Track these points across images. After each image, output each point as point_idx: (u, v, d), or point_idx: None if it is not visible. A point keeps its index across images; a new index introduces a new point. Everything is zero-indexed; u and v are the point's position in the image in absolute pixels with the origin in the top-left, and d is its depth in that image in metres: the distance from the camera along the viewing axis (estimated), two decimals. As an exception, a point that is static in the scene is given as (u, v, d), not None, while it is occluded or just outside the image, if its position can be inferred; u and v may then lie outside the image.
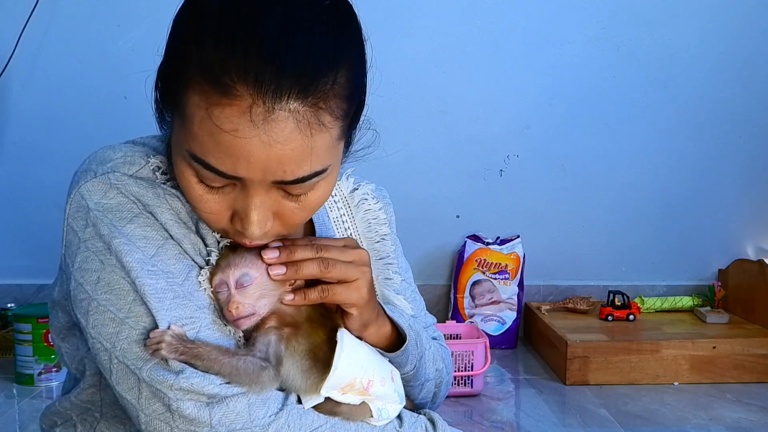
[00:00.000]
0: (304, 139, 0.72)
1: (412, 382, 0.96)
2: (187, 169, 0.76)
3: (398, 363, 0.91)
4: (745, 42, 2.36)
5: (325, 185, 0.79)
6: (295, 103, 0.70)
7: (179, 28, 0.76)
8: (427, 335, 1.02)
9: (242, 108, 0.70)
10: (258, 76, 0.69)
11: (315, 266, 0.80)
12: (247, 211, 0.76)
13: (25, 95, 2.27)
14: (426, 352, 0.98)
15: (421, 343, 0.97)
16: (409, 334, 0.91)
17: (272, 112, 0.70)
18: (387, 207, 1.04)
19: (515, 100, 2.38)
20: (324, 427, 0.81)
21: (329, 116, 0.73)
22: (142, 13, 2.21)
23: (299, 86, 0.70)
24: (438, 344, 1.06)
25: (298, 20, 0.71)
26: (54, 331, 0.92)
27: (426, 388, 1.00)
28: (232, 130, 0.70)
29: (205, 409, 0.75)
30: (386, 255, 1.01)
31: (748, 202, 2.46)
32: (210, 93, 0.70)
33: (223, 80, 0.69)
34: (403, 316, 0.95)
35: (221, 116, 0.70)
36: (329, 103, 0.73)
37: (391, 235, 1.03)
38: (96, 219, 0.79)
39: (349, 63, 0.75)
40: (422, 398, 1.01)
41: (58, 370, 1.92)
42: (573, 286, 2.50)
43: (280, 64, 0.69)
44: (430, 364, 0.99)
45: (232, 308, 0.78)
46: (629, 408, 1.83)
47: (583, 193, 2.45)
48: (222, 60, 0.69)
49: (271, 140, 0.71)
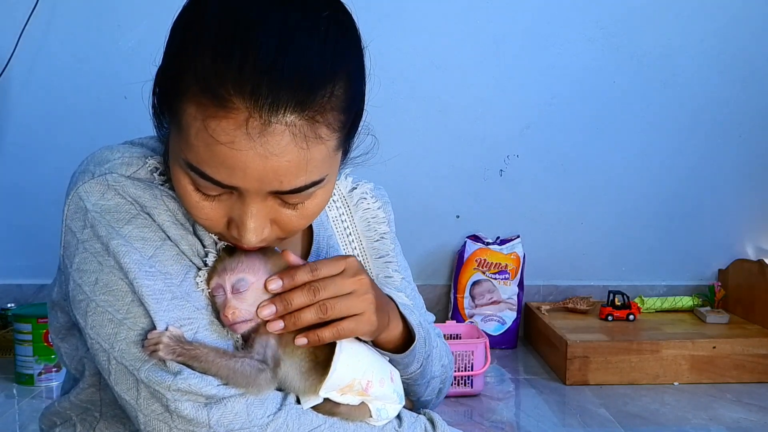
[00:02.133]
0: (300, 151, 0.72)
1: (419, 380, 0.96)
2: (184, 177, 0.76)
3: (406, 362, 0.91)
4: (745, 42, 2.36)
5: (322, 193, 0.79)
6: (292, 116, 0.70)
7: (176, 38, 0.76)
8: (434, 333, 1.02)
9: (238, 121, 0.69)
10: (254, 89, 0.69)
11: (313, 313, 0.78)
12: (243, 219, 0.76)
13: (25, 95, 2.27)
14: (434, 350, 0.98)
15: (430, 341, 0.97)
16: (419, 333, 0.91)
17: (268, 125, 0.70)
18: (386, 206, 1.05)
19: (515, 100, 2.38)
20: (323, 427, 0.81)
21: (326, 129, 0.73)
22: (142, 13, 2.21)
23: (296, 99, 0.70)
24: (441, 341, 1.07)
25: (295, 32, 0.71)
26: (53, 331, 0.92)
27: (431, 385, 1.00)
28: (228, 142, 0.70)
29: (203, 409, 0.75)
30: (386, 253, 1.02)
31: (748, 202, 2.46)
32: (206, 105, 0.70)
33: (220, 93, 0.69)
34: (414, 313, 0.95)
35: (218, 129, 0.70)
36: (326, 116, 0.72)
37: (390, 233, 1.03)
38: (94, 220, 0.80)
39: (346, 74, 0.74)
40: (428, 396, 1.01)
41: (58, 370, 1.92)
42: (573, 286, 2.50)
43: (277, 77, 0.69)
44: (437, 361, 1.00)
45: (228, 313, 0.77)
46: (629, 408, 1.83)
47: (583, 193, 2.45)
48: (218, 72, 0.69)
49: (267, 153, 0.71)
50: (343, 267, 0.81)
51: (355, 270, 0.82)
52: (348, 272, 0.81)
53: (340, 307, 0.79)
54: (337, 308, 0.79)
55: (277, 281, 0.78)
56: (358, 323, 0.80)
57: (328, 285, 0.79)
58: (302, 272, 0.79)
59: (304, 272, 0.79)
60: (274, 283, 0.78)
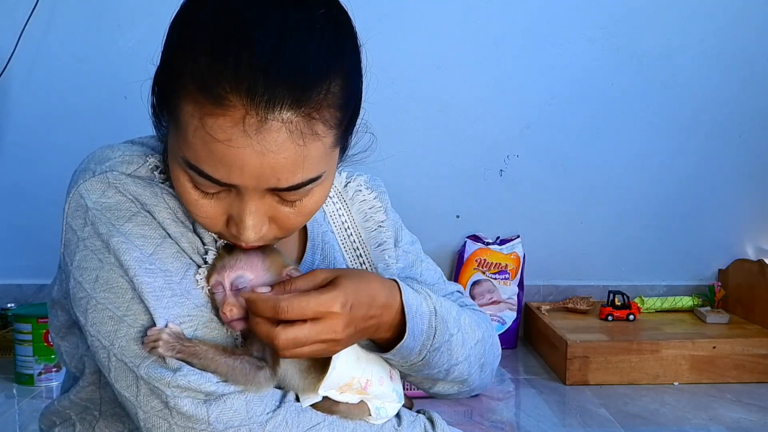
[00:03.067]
0: (296, 148, 0.72)
1: (425, 370, 0.91)
2: (183, 175, 0.77)
3: (400, 357, 0.87)
4: (745, 42, 2.36)
5: (320, 191, 0.80)
6: (288, 113, 0.71)
7: (173, 37, 0.76)
8: (454, 314, 0.94)
9: (235, 118, 0.70)
10: (250, 86, 0.69)
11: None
12: (242, 216, 0.76)
13: (25, 95, 2.27)
14: (453, 337, 0.92)
15: (446, 327, 0.91)
16: (414, 328, 0.86)
17: (265, 122, 0.70)
18: (382, 195, 1.04)
19: (515, 100, 2.38)
20: (322, 424, 0.81)
21: (322, 126, 0.73)
22: (142, 13, 2.21)
23: (292, 97, 0.70)
24: (470, 310, 1.00)
25: (291, 29, 0.71)
26: (53, 329, 0.92)
27: (457, 371, 0.95)
28: (226, 139, 0.70)
29: (202, 406, 0.75)
30: (383, 241, 1.02)
31: (748, 202, 2.46)
32: (203, 103, 0.70)
33: (216, 91, 0.69)
34: (430, 297, 0.90)
35: (215, 126, 0.70)
36: (322, 113, 0.73)
37: (387, 221, 1.03)
38: (94, 218, 0.80)
39: (343, 72, 0.75)
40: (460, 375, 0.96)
41: (58, 370, 1.92)
42: (573, 286, 2.50)
43: (273, 75, 0.69)
44: (458, 347, 0.93)
45: (227, 310, 0.78)
46: (629, 408, 1.83)
47: (583, 193, 2.45)
48: (215, 70, 0.69)
49: (264, 149, 0.71)
50: (312, 313, 0.76)
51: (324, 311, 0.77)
52: (318, 315, 0.77)
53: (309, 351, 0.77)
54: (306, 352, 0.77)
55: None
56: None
57: (298, 338, 0.75)
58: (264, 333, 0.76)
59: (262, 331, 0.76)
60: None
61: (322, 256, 0.96)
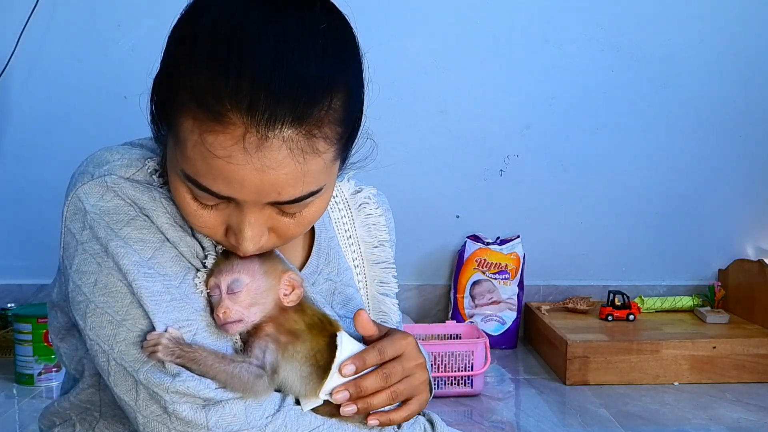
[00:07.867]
0: (297, 165, 0.72)
1: None
2: (182, 186, 0.76)
3: None
4: (745, 42, 2.36)
5: (320, 202, 0.79)
6: (289, 131, 0.70)
7: (173, 50, 0.75)
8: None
9: (235, 136, 0.69)
10: (251, 104, 0.68)
11: (385, 398, 0.83)
12: (241, 228, 0.76)
13: (25, 95, 2.27)
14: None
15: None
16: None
17: (265, 140, 0.70)
18: (387, 213, 1.05)
19: (515, 100, 2.38)
20: (321, 428, 0.81)
21: (323, 142, 0.73)
22: (142, 13, 2.21)
23: (293, 114, 0.69)
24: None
25: (292, 45, 0.70)
26: (53, 331, 0.92)
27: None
28: (225, 156, 0.70)
29: (201, 411, 0.75)
30: (384, 260, 1.03)
31: (748, 202, 2.46)
32: (203, 120, 0.70)
33: (216, 108, 0.69)
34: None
35: (215, 143, 0.70)
36: (323, 129, 0.72)
37: (390, 241, 1.04)
38: (93, 221, 0.79)
39: (344, 87, 0.74)
40: None
41: (58, 370, 1.92)
42: (573, 286, 2.50)
43: (274, 92, 0.68)
44: None
45: (220, 313, 0.78)
46: (629, 408, 1.83)
47: (583, 193, 2.44)
48: (215, 87, 0.69)
49: (264, 167, 0.70)
50: (405, 348, 0.85)
51: (416, 353, 0.86)
52: (409, 354, 0.85)
53: (405, 391, 0.84)
54: (404, 392, 0.84)
55: (351, 366, 0.81)
56: (420, 403, 0.87)
57: (396, 370, 0.83)
58: (371, 355, 0.82)
59: (372, 355, 0.83)
60: (348, 368, 0.80)
61: (327, 261, 0.96)
